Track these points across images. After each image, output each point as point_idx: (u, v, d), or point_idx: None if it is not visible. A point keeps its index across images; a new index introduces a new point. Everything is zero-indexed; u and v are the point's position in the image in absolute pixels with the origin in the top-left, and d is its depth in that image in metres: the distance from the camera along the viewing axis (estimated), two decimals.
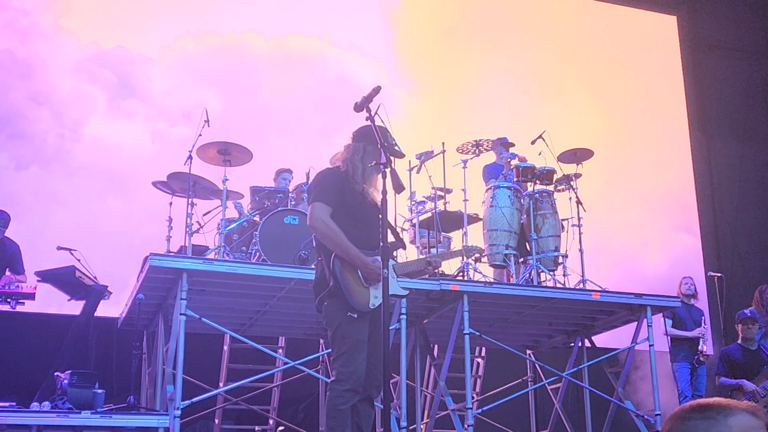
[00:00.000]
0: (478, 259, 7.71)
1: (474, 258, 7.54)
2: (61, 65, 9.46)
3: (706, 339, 8.51)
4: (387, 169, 3.96)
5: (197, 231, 7.42)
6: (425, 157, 8.03)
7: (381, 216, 3.99)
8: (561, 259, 7.96)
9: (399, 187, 4.03)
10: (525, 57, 11.54)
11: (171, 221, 7.53)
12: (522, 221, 7.96)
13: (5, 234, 7.30)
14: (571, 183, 8.15)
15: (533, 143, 8.05)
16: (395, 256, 4.67)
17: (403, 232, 8.04)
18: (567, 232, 8.11)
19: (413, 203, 8.15)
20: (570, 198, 8.16)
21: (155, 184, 7.70)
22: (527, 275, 7.70)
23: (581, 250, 7.99)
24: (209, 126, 7.31)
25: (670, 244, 11.46)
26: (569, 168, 8.33)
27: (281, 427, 8.26)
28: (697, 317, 8.59)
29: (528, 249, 7.91)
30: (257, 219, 7.62)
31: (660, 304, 7.59)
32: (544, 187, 8.04)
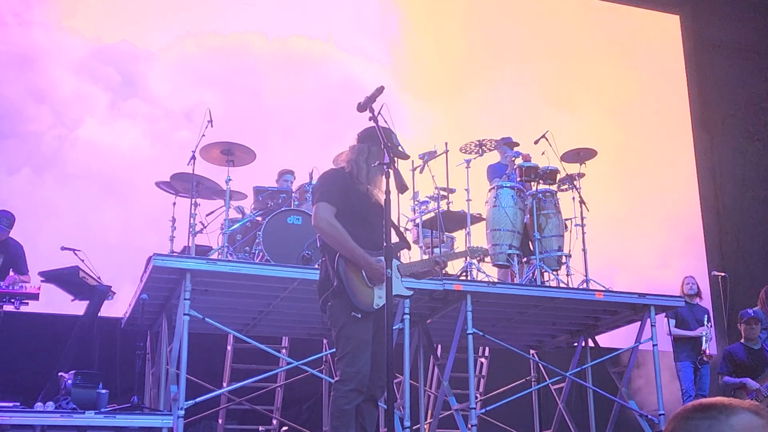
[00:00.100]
0: (481, 259, 7.70)
1: (477, 258, 7.54)
2: (63, 63, 9.46)
3: (710, 337, 8.50)
4: (390, 170, 3.97)
5: (200, 231, 7.43)
6: (428, 157, 8.02)
7: (385, 216, 4.00)
8: (564, 259, 7.96)
9: (402, 187, 4.03)
10: (528, 58, 11.52)
11: (174, 221, 7.54)
12: (525, 221, 7.96)
13: (9, 234, 7.30)
14: (575, 182, 8.15)
15: (536, 143, 8.05)
16: (399, 256, 4.65)
17: (406, 231, 8.03)
18: (570, 231, 8.12)
19: (416, 203, 8.14)
20: (573, 197, 8.16)
21: (158, 184, 7.71)
22: (530, 275, 7.70)
23: (584, 249, 8.00)
24: (212, 126, 7.31)
25: (673, 243, 11.44)
26: (572, 167, 8.34)
27: (285, 428, 8.25)
28: (700, 316, 8.58)
29: (531, 249, 7.91)
30: (260, 219, 7.62)
31: (663, 303, 7.58)
32: (547, 187, 8.04)
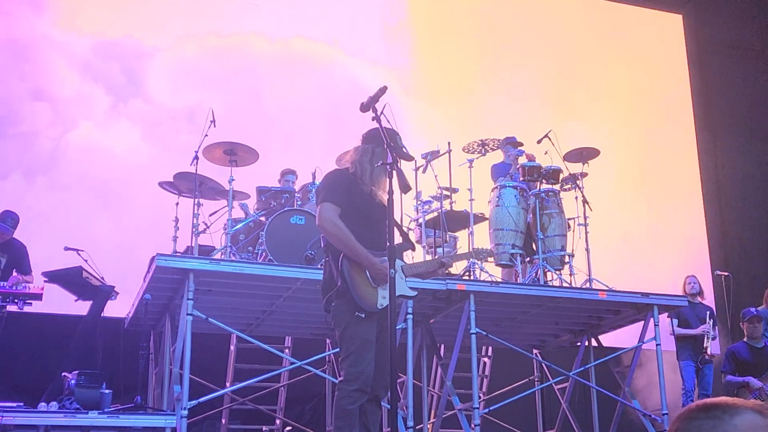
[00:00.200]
0: (484, 259, 7.70)
1: (481, 259, 7.53)
2: (65, 62, 9.46)
3: (713, 336, 8.49)
4: (393, 170, 3.97)
5: (203, 231, 7.43)
6: (431, 157, 8.01)
7: (388, 216, 4.00)
8: (567, 259, 7.96)
9: (405, 187, 4.02)
10: (531, 58, 11.52)
11: (177, 221, 7.54)
12: (528, 220, 7.96)
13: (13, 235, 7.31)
14: (578, 182, 8.15)
15: (539, 142, 8.04)
16: (403, 257, 4.66)
17: (410, 231, 8.03)
18: (573, 231, 8.11)
19: (419, 203, 8.14)
20: (576, 197, 8.16)
21: (161, 184, 7.70)
22: (534, 275, 7.69)
23: (587, 249, 8.00)
24: (215, 126, 7.31)
25: (676, 242, 11.42)
26: (575, 167, 8.34)
27: (288, 427, 8.26)
28: (702, 315, 8.57)
29: (534, 248, 7.91)
30: (263, 219, 7.62)
31: (667, 303, 7.57)
32: (550, 187, 8.04)
